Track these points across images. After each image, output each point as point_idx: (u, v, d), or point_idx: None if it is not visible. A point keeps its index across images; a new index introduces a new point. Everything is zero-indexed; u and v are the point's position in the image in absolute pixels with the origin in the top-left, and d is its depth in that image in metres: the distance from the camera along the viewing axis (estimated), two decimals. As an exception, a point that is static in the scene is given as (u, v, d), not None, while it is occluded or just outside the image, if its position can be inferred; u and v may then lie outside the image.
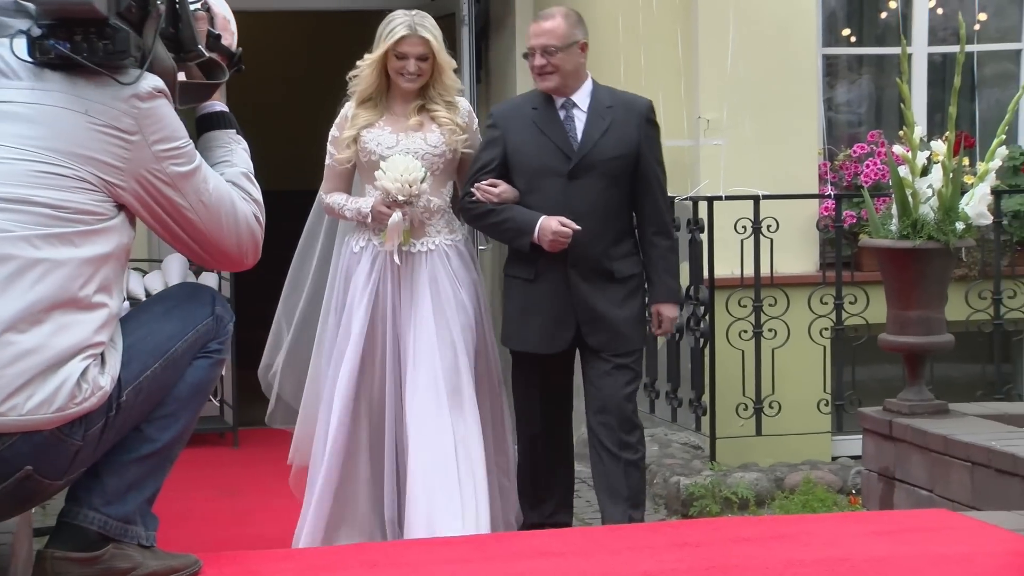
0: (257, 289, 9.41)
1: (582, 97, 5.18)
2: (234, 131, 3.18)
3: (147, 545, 2.99)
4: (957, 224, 4.66)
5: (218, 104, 3.20)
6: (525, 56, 5.27)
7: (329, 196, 5.17)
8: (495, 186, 4.97)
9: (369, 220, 4.94)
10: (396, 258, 4.91)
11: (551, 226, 4.85)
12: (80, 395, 2.72)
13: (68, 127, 2.75)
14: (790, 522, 4.68)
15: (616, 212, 5.16)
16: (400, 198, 4.72)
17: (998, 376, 7.67)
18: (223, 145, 3.10)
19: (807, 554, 3.46)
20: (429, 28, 5.03)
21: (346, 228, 5.35)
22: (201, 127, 3.13)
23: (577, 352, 5.31)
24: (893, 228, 4.59)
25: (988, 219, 5.07)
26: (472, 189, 5.04)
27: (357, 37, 6.05)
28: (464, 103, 5.32)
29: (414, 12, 5.09)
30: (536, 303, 5.16)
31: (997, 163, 4.78)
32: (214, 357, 3.10)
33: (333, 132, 5.20)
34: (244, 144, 3.18)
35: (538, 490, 5.37)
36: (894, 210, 4.60)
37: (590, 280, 5.06)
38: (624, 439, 5.19)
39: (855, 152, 7.44)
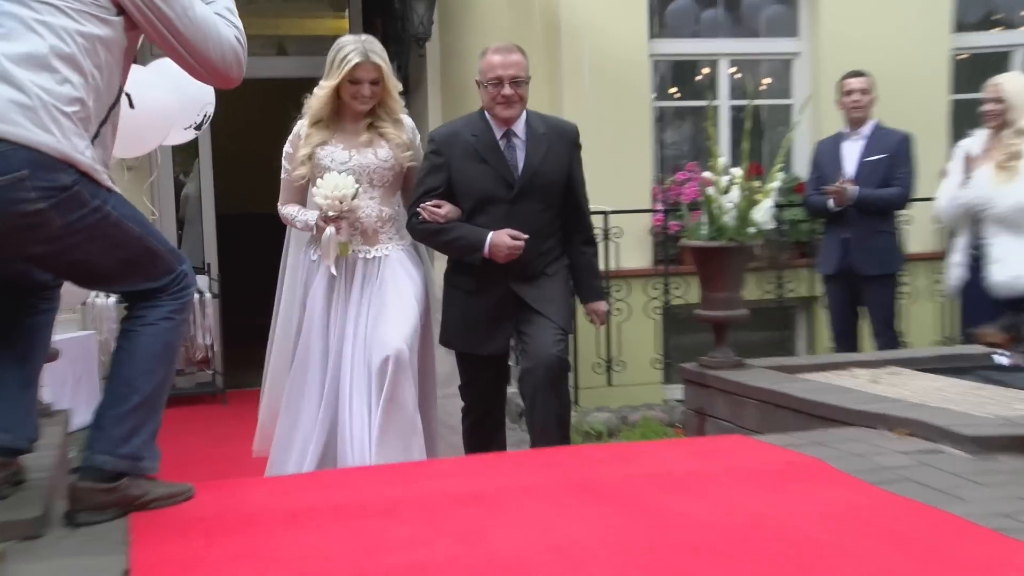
0: (241, 279, 9.40)
1: (520, 126, 4.39)
2: None
3: (153, 476, 2.96)
4: (750, 229, 4.76)
5: None
6: (480, 83, 4.42)
7: (284, 207, 4.45)
8: (440, 207, 4.27)
9: (315, 232, 4.28)
10: (333, 269, 4.25)
11: (505, 242, 4.18)
12: (68, 142, 2.65)
13: None
14: (631, 448, 4.70)
15: (551, 228, 4.47)
16: (331, 213, 4.08)
17: (779, 339, 7.92)
18: None
19: (642, 469, 3.51)
20: (379, 53, 4.30)
21: (305, 238, 4.54)
22: None
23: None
24: (704, 232, 4.63)
25: (772, 225, 5.26)
26: (419, 208, 4.30)
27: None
28: (408, 120, 4.52)
29: (364, 37, 4.36)
30: (477, 312, 4.41)
31: (776, 184, 4.91)
32: (176, 319, 2.97)
33: (287, 149, 4.44)
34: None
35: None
36: (705, 219, 4.66)
37: (527, 283, 4.37)
38: (559, 388, 4.46)
39: (678, 178, 7.55)
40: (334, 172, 4.18)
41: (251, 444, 4.63)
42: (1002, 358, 3.55)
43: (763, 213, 4.96)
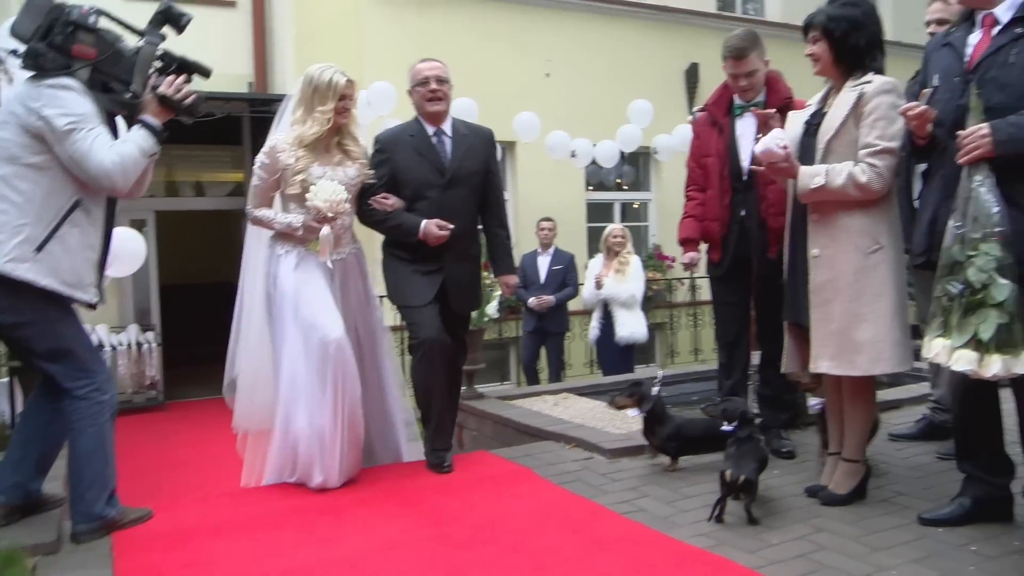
0: (182, 301, 9.01)
1: (447, 127, 3.56)
2: (139, 130, 2.61)
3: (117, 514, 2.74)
4: (485, 318, 4.95)
5: (148, 118, 2.63)
6: (412, 90, 3.55)
7: (258, 211, 3.39)
8: (387, 199, 3.47)
9: (299, 233, 3.31)
10: (330, 263, 3.34)
11: (433, 231, 3.38)
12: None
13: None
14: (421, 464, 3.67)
15: (474, 212, 3.62)
16: (330, 215, 3.24)
17: (499, 361, 7.92)
18: (126, 136, 2.60)
19: (428, 482, 3.26)
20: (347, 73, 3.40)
21: (266, 237, 3.48)
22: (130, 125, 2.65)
23: None
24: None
25: (497, 313, 5.41)
26: (370, 201, 3.47)
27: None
28: (362, 141, 3.55)
29: (326, 64, 3.37)
30: (417, 276, 3.49)
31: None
32: (99, 423, 2.62)
33: (263, 160, 3.36)
34: (143, 135, 2.59)
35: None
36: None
37: (457, 260, 3.53)
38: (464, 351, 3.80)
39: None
40: (326, 180, 3.29)
41: (189, 439, 4.18)
42: (634, 412, 3.62)
43: (492, 308, 5.18)
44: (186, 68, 2.69)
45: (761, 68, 3.49)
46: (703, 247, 3.74)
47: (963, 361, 2.17)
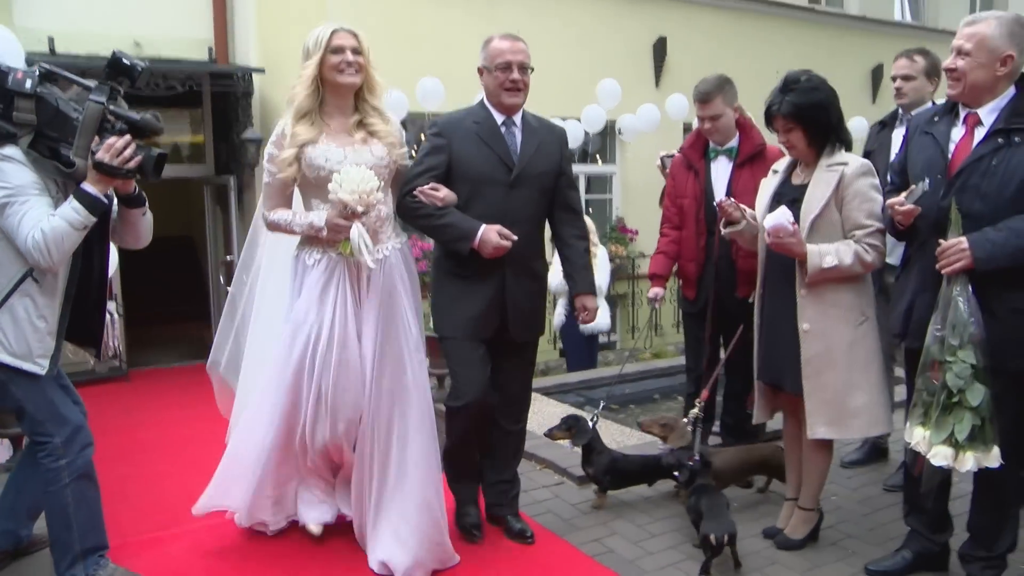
0: (142, 272, 8.49)
1: (518, 118, 3.00)
2: (72, 201, 2.41)
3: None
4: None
5: (88, 187, 2.43)
6: (486, 69, 2.96)
7: (274, 213, 2.82)
8: (437, 190, 2.85)
9: (324, 234, 2.70)
10: (370, 262, 2.68)
11: (492, 239, 2.78)
12: None
13: None
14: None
15: (541, 219, 3.06)
16: (359, 209, 2.60)
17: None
18: (63, 207, 2.40)
19: None
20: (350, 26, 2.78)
21: (293, 242, 2.91)
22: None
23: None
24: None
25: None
26: (416, 192, 2.85)
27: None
28: (395, 119, 2.94)
29: (329, 24, 2.77)
30: (469, 296, 2.92)
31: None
32: (54, 490, 2.55)
33: (271, 151, 2.80)
34: (74, 207, 2.40)
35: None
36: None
37: (519, 277, 2.94)
38: (520, 418, 3.20)
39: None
40: (351, 166, 2.64)
41: (150, 407, 3.75)
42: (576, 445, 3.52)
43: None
44: (135, 129, 2.46)
45: (727, 113, 3.55)
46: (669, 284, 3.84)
47: (940, 457, 2.39)
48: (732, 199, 3.12)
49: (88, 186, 2.44)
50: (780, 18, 9.70)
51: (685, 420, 3.40)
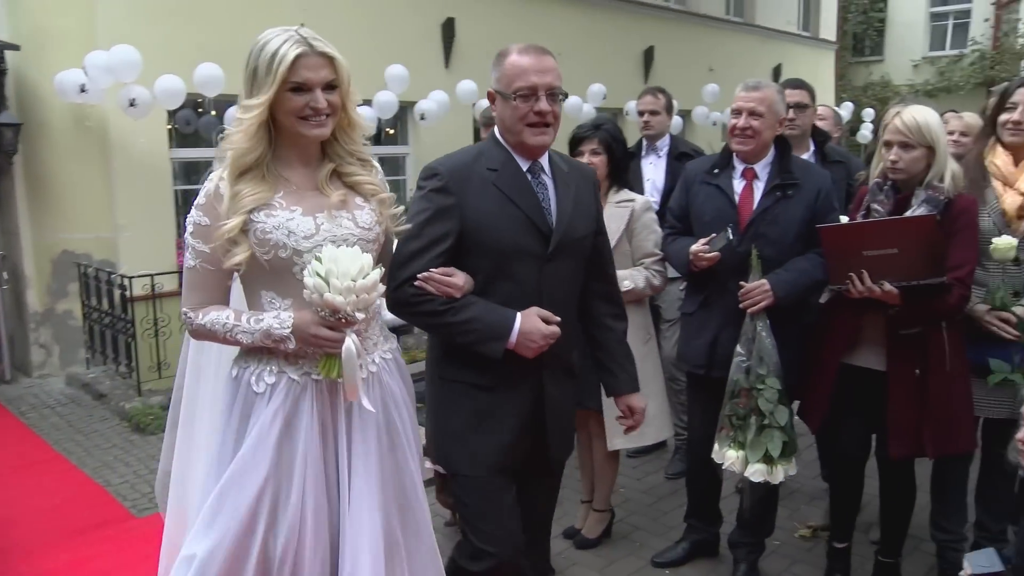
0: None
1: (545, 161, 2.10)
2: None
3: None
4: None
5: None
6: (502, 95, 2.04)
7: (204, 316, 1.75)
8: (452, 276, 1.96)
9: (290, 346, 1.71)
10: (367, 403, 1.75)
11: (539, 329, 1.96)
12: None
13: None
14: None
15: (577, 297, 2.21)
16: (359, 315, 1.65)
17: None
18: None
19: None
20: (325, 42, 1.78)
21: (230, 355, 1.88)
22: None
23: None
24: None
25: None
26: (420, 278, 1.95)
27: None
28: (374, 159, 1.90)
29: (296, 27, 1.78)
30: (492, 415, 2.04)
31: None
32: None
33: (197, 219, 1.73)
34: None
35: None
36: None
37: (557, 378, 2.13)
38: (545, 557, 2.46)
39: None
40: (327, 244, 1.71)
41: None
42: None
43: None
44: None
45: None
46: None
47: (759, 473, 2.67)
48: None
49: None
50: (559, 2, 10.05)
51: None
